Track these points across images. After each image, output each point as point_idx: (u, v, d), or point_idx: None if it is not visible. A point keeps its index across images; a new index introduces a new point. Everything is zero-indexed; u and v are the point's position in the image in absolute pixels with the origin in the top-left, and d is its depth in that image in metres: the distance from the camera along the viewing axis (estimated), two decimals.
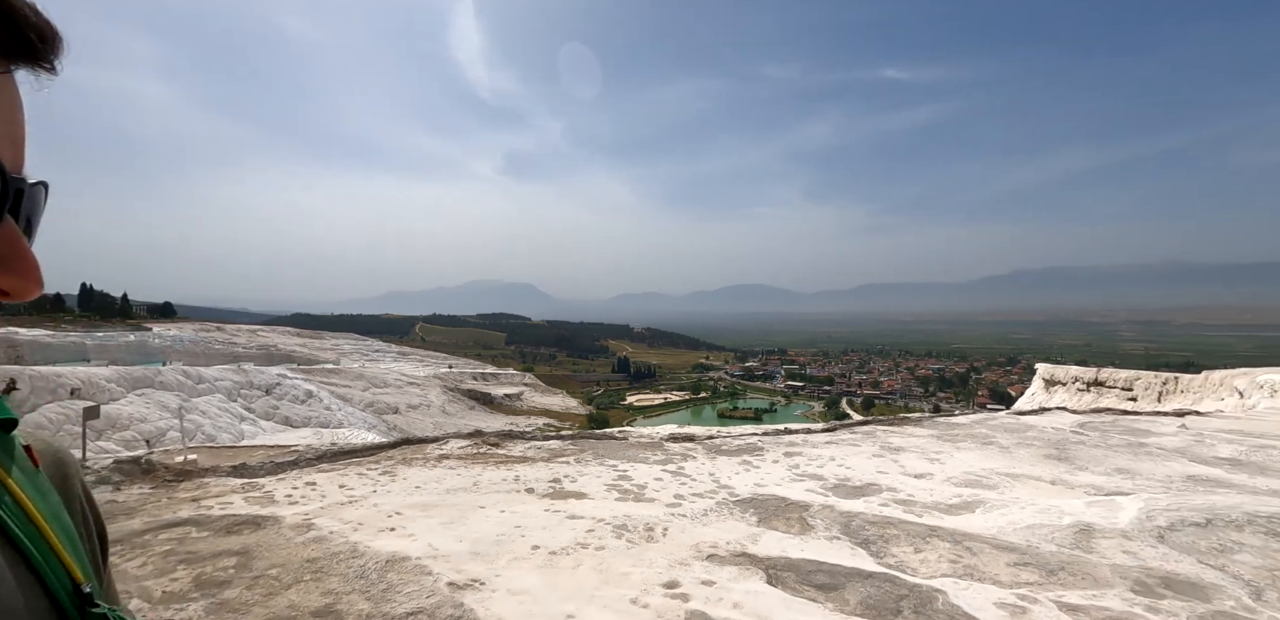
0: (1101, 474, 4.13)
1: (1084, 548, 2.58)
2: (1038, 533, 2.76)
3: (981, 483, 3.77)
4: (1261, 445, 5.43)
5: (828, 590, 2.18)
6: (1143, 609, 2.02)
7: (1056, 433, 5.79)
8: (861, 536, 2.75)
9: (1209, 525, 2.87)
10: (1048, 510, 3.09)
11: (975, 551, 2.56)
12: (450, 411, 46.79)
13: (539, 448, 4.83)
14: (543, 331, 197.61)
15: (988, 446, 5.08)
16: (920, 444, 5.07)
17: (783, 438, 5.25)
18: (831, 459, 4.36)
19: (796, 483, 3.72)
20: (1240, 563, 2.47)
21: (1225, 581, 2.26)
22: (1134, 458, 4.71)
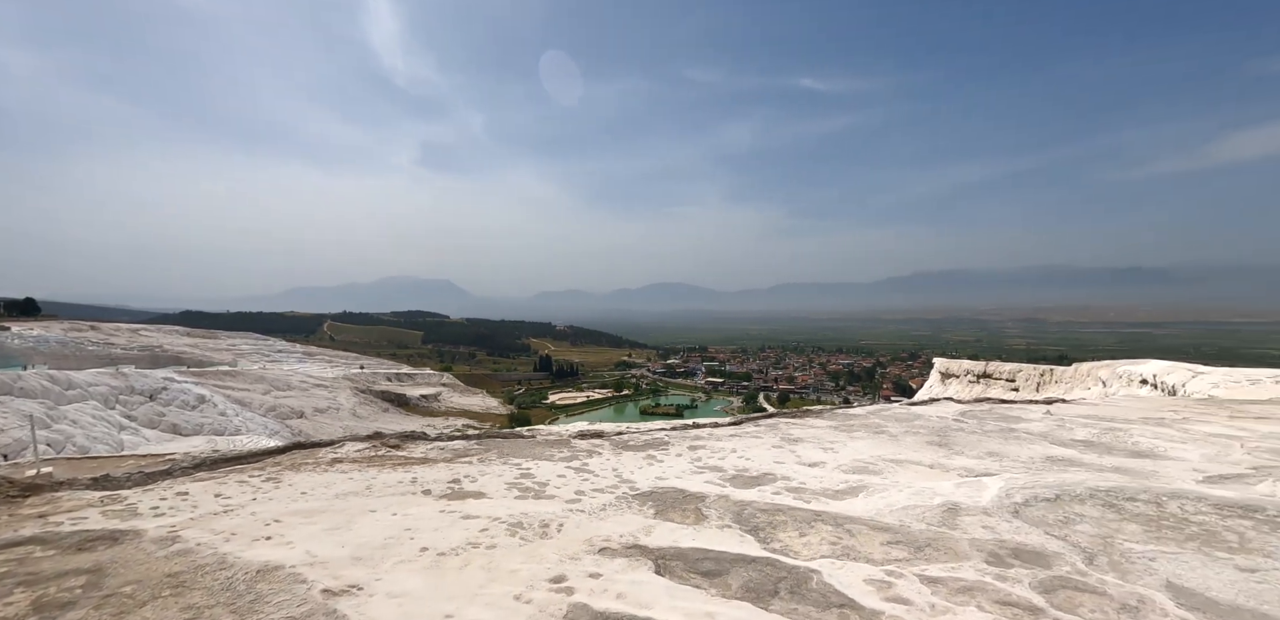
0: (974, 457, 4.49)
1: (949, 525, 2.79)
2: (911, 513, 2.97)
3: (868, 469, 4.01)
4: (1111, 428, 6.07)
5: (712, 576, 2.25)
6: (993, 577, 2.22)
7: (941, 421, 6.24)
8: (751, 524, 2.86)
9: (1057, 500, 3.18)
10: (922, 492, 3.32)
11: (854, 533, 2.72)
12: (362, 414, 44.55)
13: (442, 449, 4.70)
14: (462, 330, 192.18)
15: (879, 435, 5.40)
16: (818, 435, 5.32)
17: (689, 432, 5.37)
18: (733, 451, 4.50)
19: (697, 475, 3.81)
20: (1080, 532, 2.74)
21: (1065, 550, 2.51)
22: (1004, 442, 5.15)
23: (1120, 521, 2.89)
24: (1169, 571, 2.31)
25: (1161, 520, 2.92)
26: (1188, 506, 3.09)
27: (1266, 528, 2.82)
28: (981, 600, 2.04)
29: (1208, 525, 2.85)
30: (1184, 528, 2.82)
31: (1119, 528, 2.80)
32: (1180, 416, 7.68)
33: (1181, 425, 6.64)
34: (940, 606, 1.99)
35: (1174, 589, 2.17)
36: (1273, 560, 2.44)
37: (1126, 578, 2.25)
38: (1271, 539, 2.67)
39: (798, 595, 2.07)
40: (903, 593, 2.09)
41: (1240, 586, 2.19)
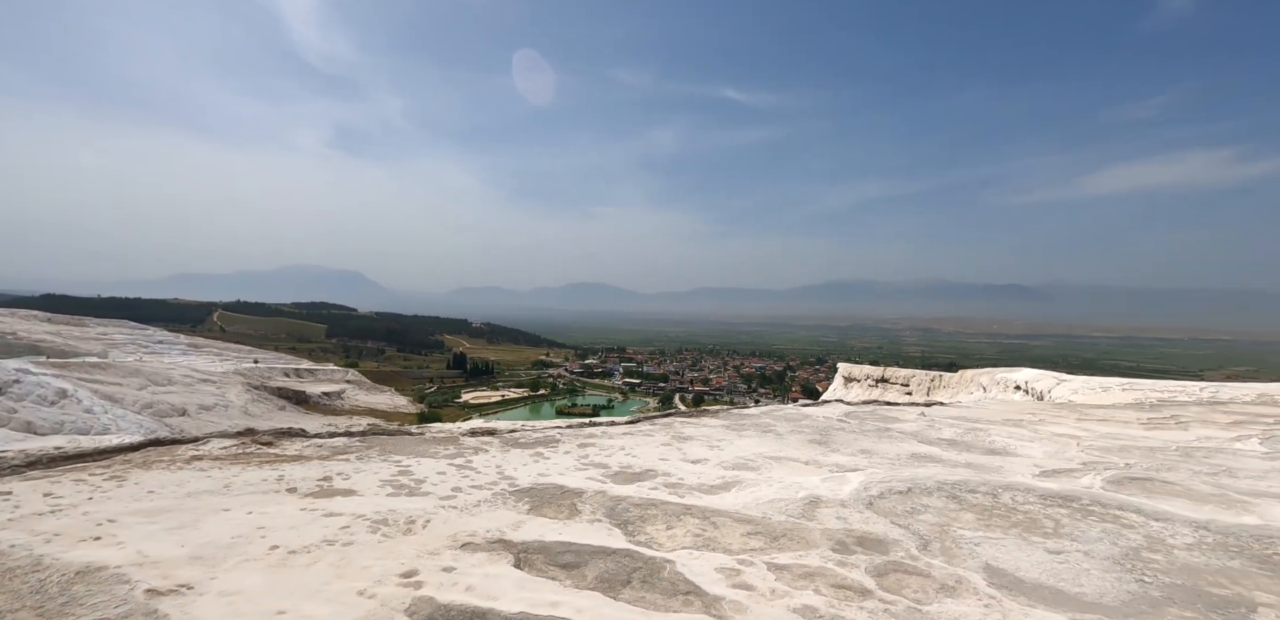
0: (848, 455, 4.77)
1: (808, 517, 2.96)
2: (775, 506, 3.12)
3: (748, 466, 4.17)
4: (973, 428, 6.63)
5: (570, 568, 2.27)
6: (834, 564, 2.37)
7: (826, 421, 6.59)
8: (622, 518, 2.91)
9: (909, 492, 3.44)
10: (790, 487, 3.50)
11: (718, 525, 2.83)
12: (254, 413, 41.40)
13: (319, 446, 4.47)
14: (371, 324, 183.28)
15: (766, 434, 5.63)
16: (709, 433, 5.48)
17: (584, 430, 5.39)
18: (622, 449, 4.56)
19: (580, 472, 3.84)
20: (922, 521, 2.98)
21: (905, 537, 2.72)
22: (878, 440, 5.50)
23: (959, 511, 3.17)
24: (989, 555, 2.56)
25: (994, 510, 3.22)
26: (1018, 497, 3.43)
27: (1079, 515, 3.17)
28: (820, 584, 2.18)
29: (1031, 514, 3.17)
30: (1011, 516, 3.13)
31: (956, 516, 3.07)
32: (1037, 418, 8.48)
33: (1035, 426, 7.33)
34: (780, 590, 2.11)
35: (990, 570, 2.40)
36: (1076, 543, 2.75)
37: (952, 561, 2.47)
38: (1080, 525, 3.01)
39: (648, 584, 2.13)
40: (749, 579, 2.19)
41: (1045, 567, 2.46)
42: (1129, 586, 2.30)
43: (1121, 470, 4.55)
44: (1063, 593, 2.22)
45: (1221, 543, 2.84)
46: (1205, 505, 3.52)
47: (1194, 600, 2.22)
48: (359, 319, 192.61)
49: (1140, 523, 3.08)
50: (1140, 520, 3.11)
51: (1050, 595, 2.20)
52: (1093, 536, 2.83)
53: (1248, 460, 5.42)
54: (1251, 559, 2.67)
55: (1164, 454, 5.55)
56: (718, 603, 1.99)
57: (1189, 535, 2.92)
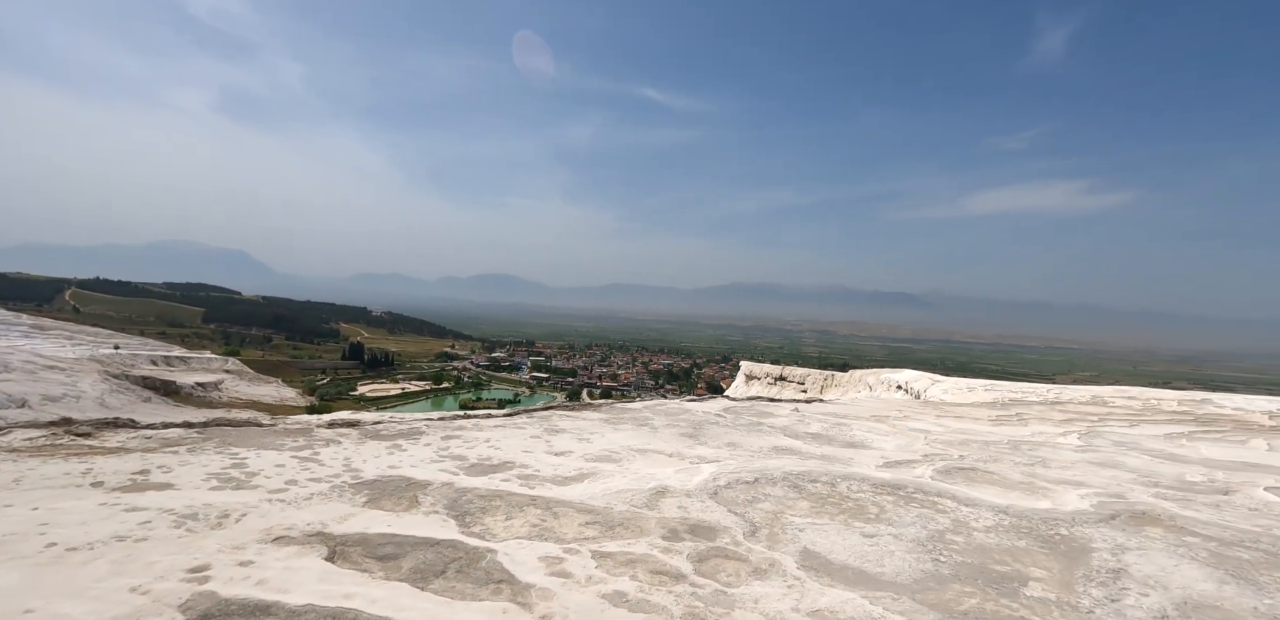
0: (713, 447, 4.93)
1: (650, 506, 3.02)
2: (622, 496, 3.16)
3: (611, 458, 4.21)
4: (839, 423, 7.05)
5: (387, 560, 2.19)
6: (659, 551, 2.43)
7: (704, 415, 6.78)
8: (463, 509, 2.85)
9: (755, 482, 3.59)
10: (644, 477, 3.57)
11: (559, 515, 2.83)
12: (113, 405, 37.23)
13: (148, 438, 4.08)
14: (257, 309, 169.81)
15: (642, 427, 5.71)
16: (584, 426, 5.49)
17: (454, 422, 5.24)
18: (487, 441, 4.47)
19: (435, 464, 3.72)
20: (759, 509, 3.12)
21: (736, 525, 2.83)
22: (746, 434, 5.72)
23: (797, 499, 3.34)
24: (810, 540, 2.71)
25: (829, 498, 3.43)
26: (853, 486, 3.67)
27: (902, 502, 3.43)
28: (639, 570, 2.22)
29: (860, 501, 3.40)
30: (843, 503, 3.34)
31: (792, 505, 3.24)
32: (901, 415, 9.13)
33: (896, 421, 7.90)
34: (597, 577, 2.13)
35: (805, 553, 2.54)
36: (891, 527, 2.97)
37: (773, 546, 2.60)
38: (900, 511, 3.26)
39: (463, 574, 2.09)
40: (569, 567, 2.20)
41: (856, 550, 2.64)
42: (924, 566, 2.51)
43: (954, 461, 4.99)
44: (865, 573, 2.39)
45: (1015, 525, 3.16)
46: (1012, 492, 3.92)
47: (977, 576, 2.45)
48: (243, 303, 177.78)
49: (952, 508, 3.38)
50: (953, 506, 3.41)
51: (853, 575, 2.36)
52: (907, 521, 3.07)
53: (1063, 453, 6.10)
54: (1036, 539, 2.99)
55: (996, 447, 6.14)
56: (527, 590, 1.98)
57: (990, 519, 3.23)
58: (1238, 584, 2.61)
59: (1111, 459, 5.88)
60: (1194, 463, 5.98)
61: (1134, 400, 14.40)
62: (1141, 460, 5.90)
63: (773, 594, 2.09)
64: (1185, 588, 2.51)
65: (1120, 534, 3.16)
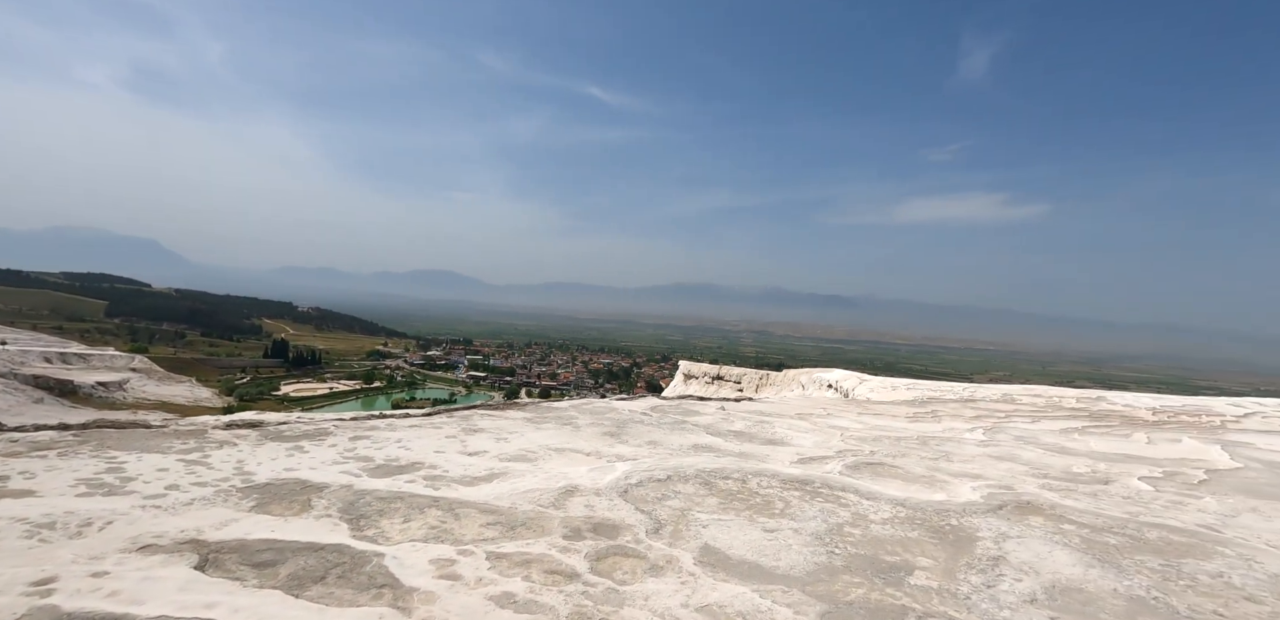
0: (634, 446, 4.94)
1: (557, 505, 2.99)
2: (530, 496, 3.12)
3: (526, 457, 4.15)
4: (763, 421, 7.21)
5: (264, 567, 2.07)
6: (557, 550, 2.40)
7: (630, 414, 6.79)
8: (358, 512, 2.73)
9: (668, 480, 3.61)
10: (555, 477, 3.53)
11: (461, 517, 2.75)
12: None
13: (14, 440, 3.73)
14: (168, 303, 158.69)
15: (565, 426, 5.66)
16: (504, 426, 5.39)
17: (367, 422, 5.04)
18: (398, 442, 4.32)
19: (338, 465, 3.56)
20: (667, 507, 3.14)
21: (641, 523, 2.84)
22: (669, 432, 5.77)
23: (706, 496, 3.38)
24: (712, 536, 2.74)
25: (739, 494, 3.49)
26: (764, 482, 3.75)
27: (808, 497, 3.53)
28: (533, 571, 2.19)
29: (768, 497, 3.47)
30: (751, 499, 3.40)
31: (701, 501, 3.27)
32: (825, 412, 9.42)
33: (819, 419, 8.14)
34: (487, 579, 2.08)
35: (705, 549, 2.57)
36: (793, 522, 3.05)
37: (675, 543, 2.61)
38: (805, 505, 3.35)
39: (344, 579, 2.01)
40: (460, 570, 2.14)
41: (756, 544, 2.69)
42: (819, 559, 2.58)
43: (865, 457, 5.18)
44: (760, 567, 2.44)
45: (910, 517, 3.31)
46: (913, 485, 4.10)
47: (866, 567, 2.54)
48: (153, 296, 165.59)
49: (854, 502, 3.50)
50: (855, 499, 3.54)
51: (748, 570, 2.40)
52: (810, 515, 3.16)
53: (967, 447, 6.44)
54: (928, 529, 3.13)
55: (906, 443, 6.42)
56: (409, 594, 1.92)
57: (888, 511, 3.37)
58: (1102, 567, 2.81)
59: (1010, 452, 6.24)
60: (1082, 455, 6.43)
61: (1039, 398, 15.40)
62: (1036, 453, 6.29)
63: (664, 590, 2.10)
64: (1055, 572, 2.68)
65: (1005, 523, 3.35)
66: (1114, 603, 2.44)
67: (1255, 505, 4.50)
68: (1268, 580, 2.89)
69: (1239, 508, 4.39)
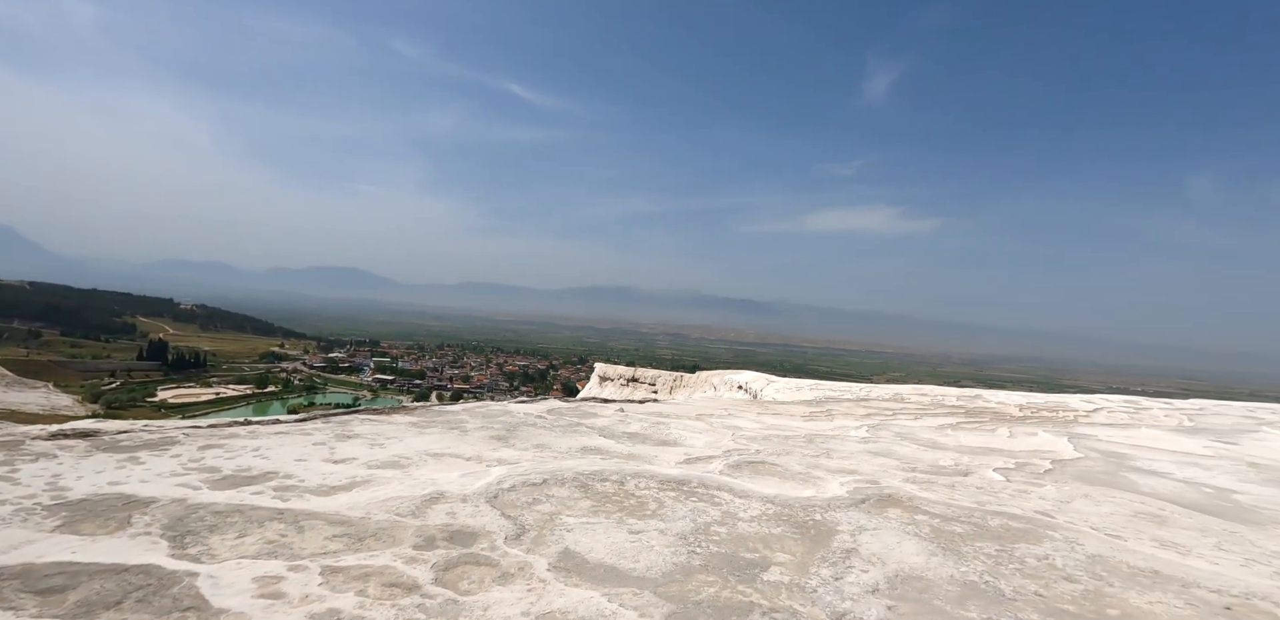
0: (520, 449, 4.82)
1: (416, 514, 2.85)
2: (389, 504, 2.95)
3: (399, 464, 3.95)
4: (660, 422, 7.26)
5: (49, 594, 1.83)
6: (402, 562, 2.28)
7: (525, 417, 6.65)
8: (184, 529, 2.48)
9: (543, 484, 3.54)
10: (423, 483, 3.37)
11: (305, 529, 2.57)
12: None
13: None
14: (20, 297, 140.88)
15: (452, 430, 5.46)
16: (385, 431, 5.12)
17: (224, 430, 4.63)
18: (256, 450, 4.00)
19: (176, 478, 3.24)
20: (536, 511, 3.07)
21: (503, 529, 2.75)
22: (561, 435, 5.69)
23: (580, 499, 3.34)
24: (574, 540, 2.70)
25: (614, 496, 3.47)
26: (641, 484, 3.75)
27: (683, 497, 3.56)
28: (370, 584, 2.06)
29: (643, 498, 3.47)
30: (625, 501, 3.39)
31: (573, 505, 3.23)
32: (727, 413, 9.63)
33: (717, 419, 8.30)
34: (315, 596, 1.94)
35: (565, 554, 2.52)
36: (662, 522, 3.06)
37: (533, 549, 2.55)
38: (678, 506, 3.38)
39: (144, 603, 1.80)
40: (286, 587, 1.99)
41: (618, 547, 2.67)
42: (679, 559, 2.59)
43: (750, 455, 5.32)
44: (616, 570, 2.42)
45: (778, 513, 3.41)
46: (788, 482, 4.24)
47: (724, 565, 2.58)
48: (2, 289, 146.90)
49: (728, 500, 3.57)
50: (729, 498, 3.61)
51: (604, 573, 2.37)
52: (679, 515, 3.19)
53: (849, 444, 6.76)
54: (792, 525, 3.24)
55: (794, 441, 6.66)
56: (220, 616, 1.75)
57: (758, 509, 3.46)
58: (944, 555, 3.00)
59: (887, 448, 6.61)
60: (950, 449, 6.91)
61: (925, 397, 16.51)
62: (910, 449, 6.70)
63: (508, 599, 2.03)
64: (900, 562, 2.84)
65: (865, 516, 3.52)
66: (948, 589, 2.60)
67: (1088, 491, 4.99)
68: (1085, 560, 3.19)
69: (1073, 494, 4.85)
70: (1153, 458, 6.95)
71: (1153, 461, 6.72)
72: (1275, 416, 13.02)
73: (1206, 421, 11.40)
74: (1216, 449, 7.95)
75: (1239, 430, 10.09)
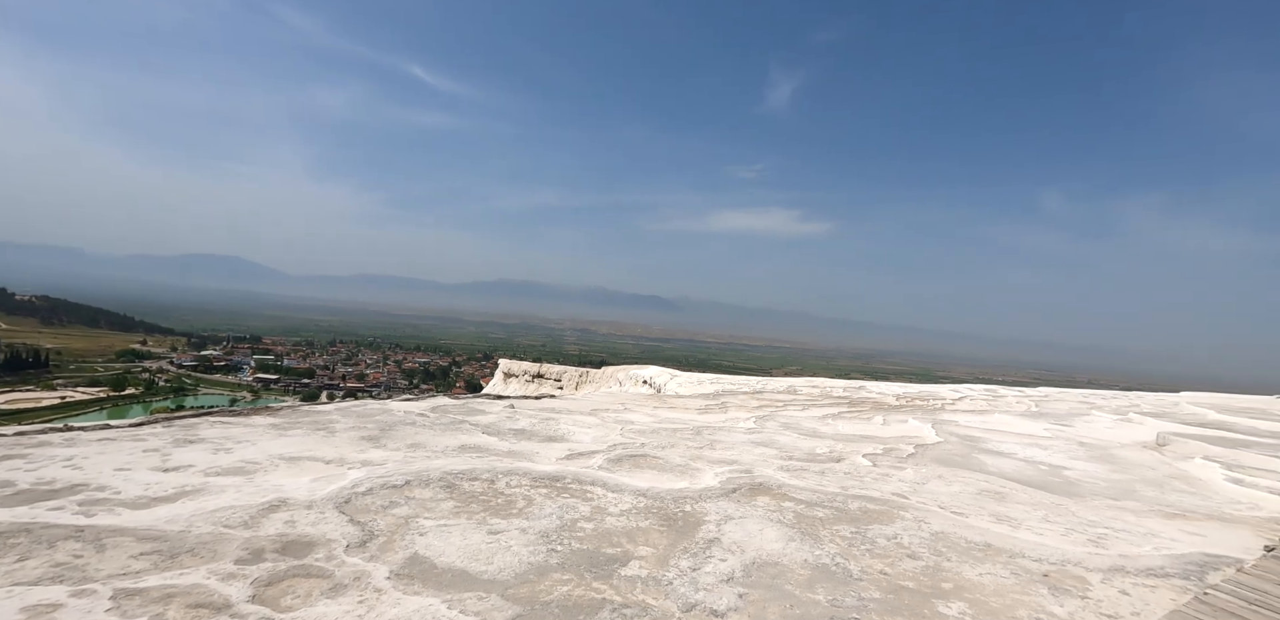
0: (391, 450, 4.56)
1: (248, 525, 2.59)
2: (218, 515, 2.67)
3: (244, 470, 3.60)
4: (550, 417, 7.14)
5: None
6: (218, 578, 2.05)
7: (405, 415, 6.32)
8: None
9: (405, 486, 3.35)
10: (266, 490, 3.09)
11: (108, 548, 2.26)
12: None
13: None
14: None
15: (318, 431, 5.07)
16: (237, 434, 4.68)
17: (36, 438, 4.04)
18: (69, 460, 3.51)
19: None
20: (391, 515, 2.89)
21: (348, 536, 2.56)
22: (441, 433, 5.44)
23: (444, 500, 3.18)
24: (426, 544, 2.56)
25: (481, 496, 3.33)
26: (513, 482, 3.64)
27: (554, 494, 3.49)
28: (172, 606, 1.84)
29: (512, 496, 3.36)
30: (493, 501, 3.27)
31: (435, 507, 3.07)
32: (624, 407, 9.64)
33: (612, 413, 8.29)
34: None
35: (412, 560, 2.38)
36: (526, 521, 2.97)
37: (377, 557, 2.38)
38: (547, 503, 3.30)
39: None
40: (61, 616, 1.72)
41: (473, 549, 2.55)
42: (536, 558, 2.51)
43: (634, 449, 5.33)
44: (466, 573, 2.30)
45: (649, 506, 3.41)
46: (665, 474, 4.28)
47: (583, 562, 2.53)
48: None
49: (600, 495, 3.53)
50: (601, 493, 3.57)
51: (451, 578, 2.25)
52: (547, 513, 3.11)
53: (735, 435, 6.95)
54: (660, 517, 3.24)
55: (682, 434, 6.76)
56: None
57: (629, 502, 3.44)
58: (802, 541, 3.11)
59: (770, 439, 6.85)
60: (828, 438, 7.28)
61: (815, 388, 17.39)
62: (791, 438, 6.99)
63: (332, 613, 1.87)
64: (759, 549, 2.91)
65: (734, 505, 3.60)
66: (800, 573, 2.69)
67: (941, 473, 5.40)
68: (929, 538, 3.42)
69: (929, 476, 5.24)
70: (1001, 440, 7.67)
71: (1001, 443, 7.42)
72: (1104, 401, 14.81)
73: (1050, 407, 12.78)
74: (1054, 431, 8.91)
75: (1074, 414, 11.37)
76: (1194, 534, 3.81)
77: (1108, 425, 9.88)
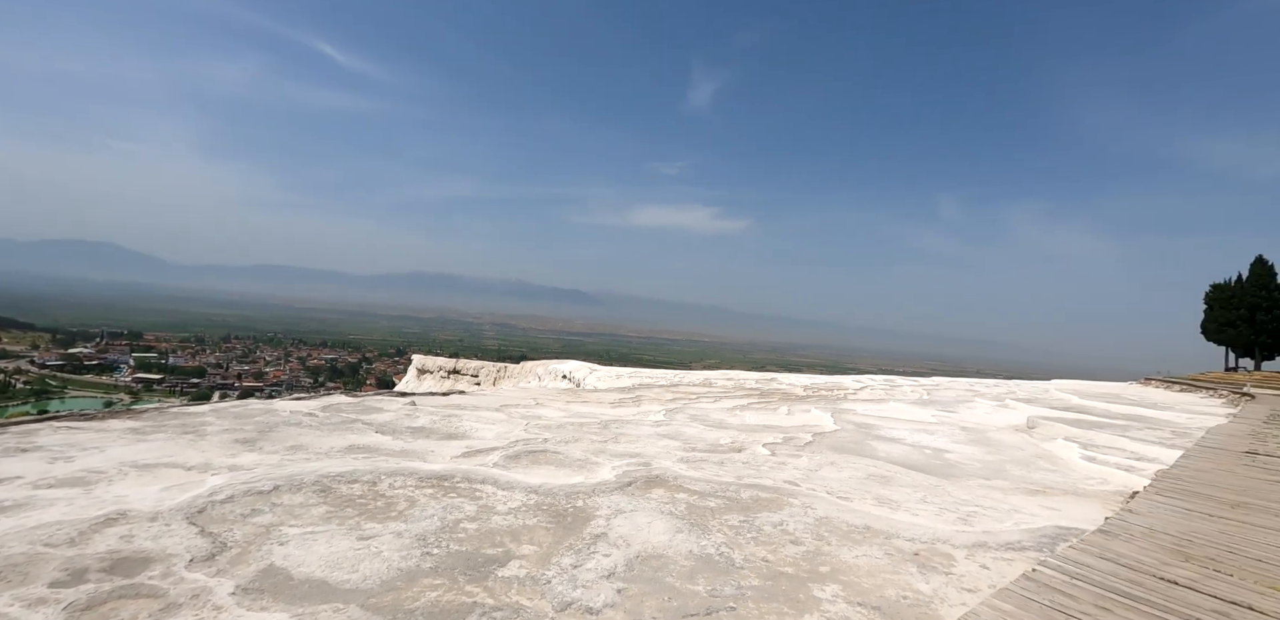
0: (269, 452, 4.24)
1: (74, 542, 2.32)
2: (37, 533, 2.38)
3: (84, 481, 3.23)
4: (453, 414, 6.90)
5: None
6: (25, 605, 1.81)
7: (290, 415, 5.92)
8: None
9: (272, 491, 3.11)
10: (105, 502, 2.78)
11: None
12: None
13: None
14: None
15: (185, 435, 4.65)
16: (82, 440, 4.20)
17: None
18: None
19: None
20: (250, 524, 2.67)
21: (191, 549, 2.35)
22: (328, 434, 5.13)
23: (316, 506, 2.98)
24: (285, 554, 2.37)
25: (359, 499, 3.15)
26: (397, 482, 3.47)
27: (440, 493, 3.35)
28: None
29: (394, 498, 3.20)
30: (370, 504, 3.09)
31: (303, 513, 2.87)
32: (535, 402, 9.48)
33: (521, 409, 8.12)
34: None
35: (264, 572, 2.20)
36: (404, 524, 2.83)
37: (226, 570, 2.19)
38: (430, 504, 3.16)
39: None
40: None
41: (338, 557, 2.39)
42: (408, 563, 2.39)
43: (535, 445, 5.23)
44: (326, 584, 2.15)
45: (539, 503, 3.34)
46: (563, 470, 4.21)
47: (459, 565, 2.43)
48: None
49: (489, 494, 3.42)
50: (491, 491, 3.47)
51: (308, 590, 2.10)
52: (428, 514, 2.97)
53: (642, 428, 6.97)
54: (550, 514, 3.18)
55: (589, 428, 6.70)
56: None
57: (519, 500, 3.36)
58: (690, 532, 3.14)
59: (676, 431, 6.93)
60: (733, 428, 7.44)
61: (730, 381, 17.83)
62: (697, 430, 7.09)
63: None
64: (645, 542, 2.91)
65: (627, 499, 3.59)
66: (684, 564, 2.70)
67: (834, 460, 5.64)
68: (814, 523, 3.54)
69: (822, 463, 5.45)
70: (894, 427, 8.13)
71: (893, 430, 7.86)
72: (987, 389, 16.06)
73: (939, 395, 13.71)
74: (941, 417, 9.55)
75: (959, 401, 12.24)
76: (1051, 508, 4.16)
77: (987, 411, 10.72)
